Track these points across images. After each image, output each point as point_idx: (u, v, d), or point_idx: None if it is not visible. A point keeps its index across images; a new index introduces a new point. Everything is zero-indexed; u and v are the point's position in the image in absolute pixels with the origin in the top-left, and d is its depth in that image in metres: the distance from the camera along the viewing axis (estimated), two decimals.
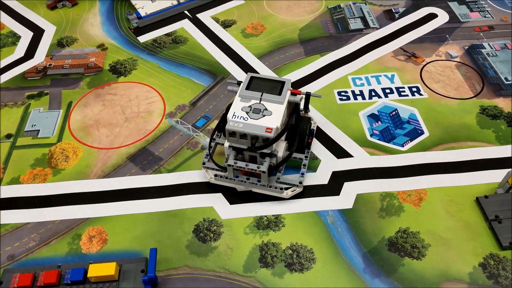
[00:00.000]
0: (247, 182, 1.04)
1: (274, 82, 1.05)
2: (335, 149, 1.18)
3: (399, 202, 1.06)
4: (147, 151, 1.19)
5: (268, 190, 1.05)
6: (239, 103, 1.01)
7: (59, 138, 1.23)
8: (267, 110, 0.99)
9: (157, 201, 1.07)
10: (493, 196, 1.04)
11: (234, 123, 0.97)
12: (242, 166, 1.00)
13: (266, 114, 0.98)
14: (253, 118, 0.98)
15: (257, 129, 0.96)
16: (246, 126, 0.96)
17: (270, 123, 0.97)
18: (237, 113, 0.99)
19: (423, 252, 0.96)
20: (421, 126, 1.23)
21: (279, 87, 1.04)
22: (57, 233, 1.01)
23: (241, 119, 0.97)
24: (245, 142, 0.98)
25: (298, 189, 1.05)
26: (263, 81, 1.06)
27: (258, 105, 1.00)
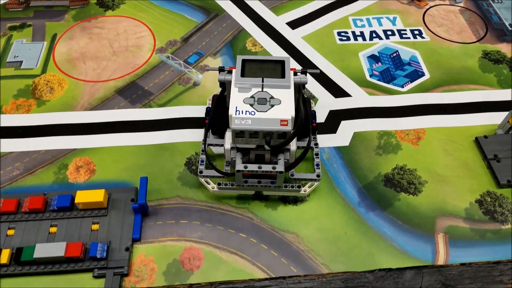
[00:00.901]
0: (259, 185, 0.88)
1: (272, 63, 0.90)
2: (332, 88, 1.15)
3: (397, 141, 1.04)
4: (136, 85, 1.14)
5: (284, 191, 0.90)
6: (239, 95, 0.84)
7: (43, 70, 1.17)
8: (274, 99, 0.83)
9: (148, 134, 1.04)
10: (492, 137, 1.03)
11: (241, 121, 0.80)
12: (254, 169, 0.83)
13: (274, 103, 0.83)
14: (261, 110, 0.81)
15: (270, 123, 0.80)
16: (256, 121, 0.80)
17: (283, 113, 0.81)
18: (240, 108, 0.82)
19: (419, 188, 0.95)
20: (422, 68, 1.20)
21: (280, 68, 0.89)
22: (42, 163, 0.98)
23: (247, 114, 0.81)
24: (255, 141, 0.83)
25: (317, 183, 0.92)
26: (259, 63, 0.90)
27: (261, 93, 0.84)
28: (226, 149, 0.88)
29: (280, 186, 0.88)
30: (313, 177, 0.92)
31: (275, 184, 0.88)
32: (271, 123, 0.80)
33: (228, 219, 0.89)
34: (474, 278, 0.78)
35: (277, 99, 0.84)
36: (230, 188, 0.90)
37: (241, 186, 0.89)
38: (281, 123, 0.80)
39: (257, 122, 0.80)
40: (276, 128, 0.80)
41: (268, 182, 0.88)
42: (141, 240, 0.85)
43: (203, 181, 0.91)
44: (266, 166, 0.84)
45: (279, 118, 0.81)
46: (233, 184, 0.89)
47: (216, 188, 0.90)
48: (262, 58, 0.91)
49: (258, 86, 0.86)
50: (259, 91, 0.85)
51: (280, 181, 0.87)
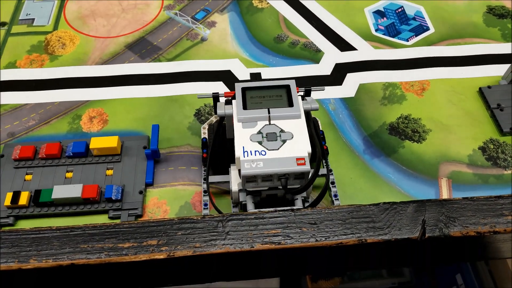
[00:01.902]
0: None
1: (276, 89, 0.74)
2: (338, 42, 1.10)
3: (402, 92, 0.99)
4: (146, 41, 1.09)
5: None
6: (244, 131, 0.68)
7: (55, 27, 1.12)
8: (285, 132, 0.68)
9: (157, 87, 1.00)
10: (496, 87, 0.98)
11: (251, 164, 0.65)
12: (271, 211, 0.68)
13: (285, 138, 0.68)
14: (272, 148, 0.66)
15: (285, 163, 0.65)
16: (269, 163, 0.65)
17: (298, 150, 0.66)
18: (248, 147, 0.66)
19: (423, 136, 0.92)
20: (426, 23, 1.13)
21: (285, 94, 0.73)
22: (56, 114, 0.95)
23: (257, 155, 0.66)
24: (268, 184, 0.68)
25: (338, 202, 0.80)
26: (261, 91, 0.73)
27: (269, 127, 0.69)
28: (234, 191, 0.73)
29: None
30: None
31: None
32: (286, 163, 0.65)
33: None
34: (476, 211, 0.75)
35: (289, 133, 0.68)
36: None
37: None
38: (297, 162, 0.65)
39: (270, 163, 0.65)
40: (293, 169, 0.65)
41: None
42: (153, 185, 0.83)
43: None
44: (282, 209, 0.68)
45: (295, 156, 0.66)
46: None
47: None
48: (263, 85, 0.74)
49: (265, 119, 0.70)
50: (267, 124, 0.69)
51: None
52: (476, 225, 0.67)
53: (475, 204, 0.68)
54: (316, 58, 1.06)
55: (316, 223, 0.66)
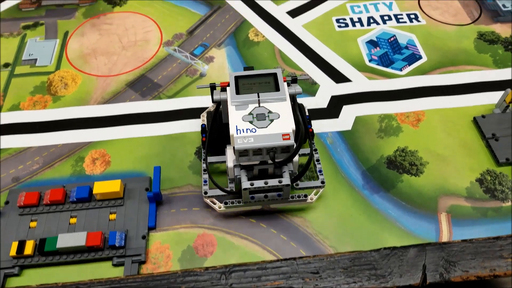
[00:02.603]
0: (266, 200, 0.79)
1: (264, 77, 0.81)
2: (333, 74, 1.07)
3: (398, 123, 0.97)
4: (146, 78, 1.07)
5: (291, 202, 0.81)
6: (237, 113, 0.76)
7: (57, 67, 1.10)
8: (272, 113, 0.75)
9: (159, 125, 0.97)
10: (490, 116, 0.96)
11: (243, 140, 0.72)
12: (260, 185, 0.76)
13: (273, 117, 0.75)
14: (261, 126, 0.73)
15: (273, 138, 0.72)
16: (259, 138, 0.72)
17: (284, 127, 0.73)
18: (241, 126, 0.74)
19: (421, 169, 0.89)
20: (419, 51, 1.11)
21: (273, 80, 0.80)
22: (60, 156, 0.92)
23: (248, 132, 0.73)
24: (259, 157, 0.75)
25: (322, 190, 0.84)
26: (252, 78, 0.81)
27: (259, 109, 0.76)
28: (229, 167, 0.79)
29: (287, 198, 0.80)
30: (318, 184, 0.83)
31: (282, 197, 0.79)
32: (274, 138, 0.72)
33: None
34: (475, 254, 0.73)
35: (276, 113, 0.76)
36: (237, 206, 0.80)
37: (248, 202, 0.80)
38: (283, 137, 0.72)
39: (260, 139, 0.72)
40: (279, 143, 0.72)
41: (274, 195, 0.79)
42: (156, 228, 0.80)
43: (209, 201, 0.81)
44: (272, 180, 0.76)
45: (281, 132, 0.73)
46: (240, 202, 0.80)
47: (223, 207, 0.80)
48: (254, 73, 0.82)
49: (255, 102, 0.77)
50: (256, 106, 0.77)
51: (286, 193, 0.78)
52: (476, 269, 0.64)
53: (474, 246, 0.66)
54: (312, 91, 1.04)
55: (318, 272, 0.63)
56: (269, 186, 0.76)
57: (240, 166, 0.78)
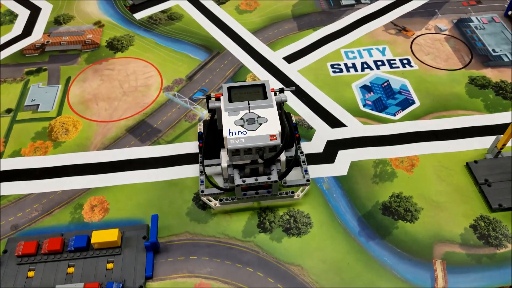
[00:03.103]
0: (257, 196, 0.91)
1: (254, 87, 0.93)
2: (329, 119, 1.13)
3: (392, 169, 1.02)
4: (146, 124, 1.13)
5: (279, 198, 0.93)
6: (229, 118, 0.87)
7: (58, 112, 1.16)
8: (261, 118, 0.87)
9: (157, 171, 1.02)
10: (482, 161, 1.01)
11: (235, 141, 0.84)
12: (251, 182, 0.87)
13: (261, 121, 0.86)
14: (251, 129, 0.85)
15: (261, 139, 0.84)
16: (249, 139, 0.84)
17: (271, 129, 0.85)
18: (233, 129, 0.85)
19: (416, 215, 0.93)
20: (412, 96, 1.18)
21: (261, 90, 0.92)
22: (59, 203, 0.96)
23: (240, 134, 0.85)
24: (249, 157, 0.86)
25: (307, 187, 0.94)
26: (243, 89, 0.93)
27: (249, 114, 0.88)
28: (224, 167, 0.90)
29: (276, 194, 0.92)
30: (303, 182, 0.95)
31: (271, 193, 0.91)
32: (262, 139, 0.84)
33: (235, 253, 0.87)
34: None
35: (264, 118, 0.87)
36: (231, 202, 0.91)
37: (241, 199, 0.91)
38: (270, 138, 0.84)
39: (250, 140, 0.84)
40: (267, 143, 0.84)
41: (264, 192, 0.91)
42: (153, 277, 0.83)
43: (205, 199, 0.92)
44: (261, 178, 0.88)
45: (268, 134, 0.85)
46: (233, 199, 0.91)
47: (218, 204, 0.91)
48: (244, 84, 0.94)
49: (245, 109, 0.89)
50: (247, 112, 0.89)
51: (275, 189, 0.90)
52: None
53: None
54: (308, 136, 1.10)
55: None
56: (259, 183, 0.87)
57: (233, 165, 0.89)
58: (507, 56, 1.29)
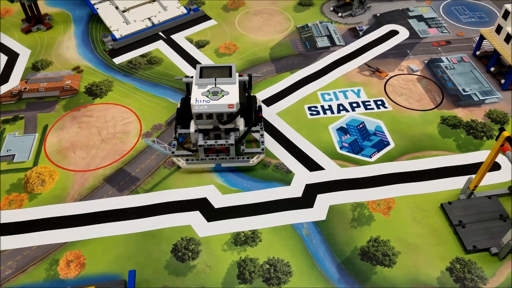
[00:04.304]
0: (217, 158, 1.14)
1: (222, 68, 1.15)
2: (307, 162, 1.19)
3: (369, 212, 1.07)
4: (124, 172, 1.16)
5: (236, 162, 1.15)
6: (198, 90, 1.09)
7: (35, 162, 1.19)
8: (224, 91, 1.09)
9: (135, 222, 1.05)
10: (456, 202, 1.07)
11: (199, 107, 1.06)
12: (212, 143, 1.10)
13: (224, 94, 1.08)
14: (214, 99, 1.07)
15: (221, 107, 1.06)
16: (211, 106, 1.06)
17: (230, 100, 1.07)
18: (199, 98, 1.07)
19: (393, 260, 0.97)
20: (387, 138, 1.25)
21: (228, 71, 1.14)
22: (34, 259, 0.97)
23: (204, 102, 1.06)
24: (211, 122, 1.09)
25: (262, 155, 1.16)
26: (213, 69, 1.15)
27: (214, 88, 1.09)
28: (192, 132, 1.12)
29: (233, 157, 1.13)
30: (259, 151, 1.16)
31: (229, 156, 1.13)
32: (222, 107, 1.06)
33: None
34: None
35: (226, 91, 1.09)
36: (196, 162, 1.15)
37: (204, 160, 1.14)
38: (228, 106, 1.06)
39: (211, 107, 1.06)
40: (225, 110, 1.06)
41: (224, 155, 1.14)
42: None
43: (175, 159, 1.15)
44: (221, 140, 1.11)
45: (227, 103, 1.06)
46: (198, 159, 1.14)
47: (185, 164, 1.14)
48: (215, 65, 1.18)
49: (212, 84, 1.11)
50: (213, 86, 1.10)
51: (232, 152, 1.13)
52: None
53: None
54: (287, 180, 1.14)
55: None
56: (219, 144, 1.10)
57: (199, 130, 1.11)
58: (476, 95, 1.38)
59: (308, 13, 1.73)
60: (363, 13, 1.72)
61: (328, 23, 1.67)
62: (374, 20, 1.69)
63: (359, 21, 1.69)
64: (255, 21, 1.69)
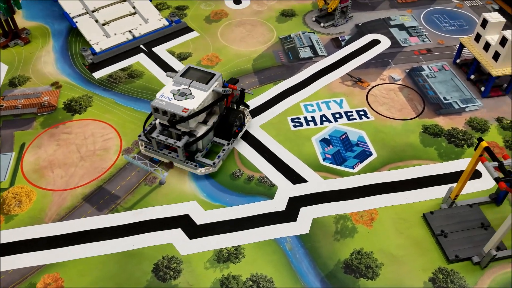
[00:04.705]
0: (169, 155, 1.18)
1: (206, 74, 1.18)
2: (290, 175, 1.20)
3: (353, 224, 1.08)
4: (104, 190, 1.16)
5: (184, 165, 1.17)
6: (171, 86, 1.14)
7: (11, 183, 1.17)
8: (191, 95, 1.11)
9: (115, 241, 1.04)
10: (438, 212, 1.09)
11: (159, 101, 1.10)
12: (162, 139, 1.14)
13: (189, 98, 1.11)
14: (176, 99, 1.10)
15: (176, 108, 1.09)
16: (168, 105, 1.09)
17: (188, 105, 1.09)
18: (165, 94, 1.12)
19: (376, 272, 0.98)
20: (369, 148, 1.27)
21: (209, 78, 1.16)
22: (11, 284, 0.96)
23: (166, 99, 1.10)
24: (166, 119, 1.11)
25: (212, 168, 1.16)
26: (198, 71, 1.18)
27: (185, 90, 1.13)
28: (156, 123, 1.18)
29: (181, 160, 1.16)
30: (210, 163, 1.17)
31: (178, 157, 1.16)
32: (176, 108, 1.09)
33: None
34: None
35: (193, 96, 1.12)
36: (149, 151, 1.20)
37: (157, 152, 1.19)
38: (183, 110, 1.08)
39: (168, 105, 1.09)
40: (178, 112, 1.08)
41: (174, 154, 1.17)
42: None
43: (140, 143, 1.22)
44: (170, 139, 1.14)
45: (184, 106, 1.09)
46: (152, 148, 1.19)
47: (144, 149, 1.21)
48: (202, 69, 1.20)
49: (187, 85, 1.15)
50: (186, 88, 1.13)
51: (180, 155, 1.15)
52: None
53: None
54: (270, 193, 1.15)
55: None
56: (167, 142, 1.13)
57: (161, 124, 1.15)
58: (457, 103, 1.42)
59: (291, 24, 1.76)
60: (345, 23, 1.75)
61: (310, 34, 1.70)
62: (356, 29, 1.72)
63: (341, 31, 1.72)
64: (237, 32, 1.71)
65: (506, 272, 0.98)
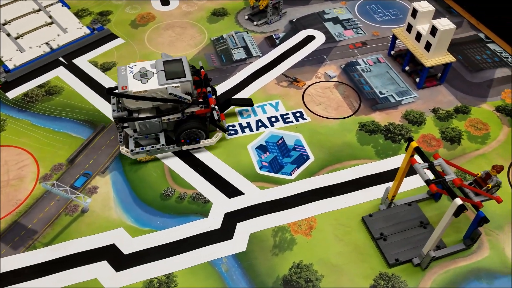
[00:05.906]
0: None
1: (181, 74, 1.13)
2: (226, 188, 1.14)
3: (291, 235, 1.04)
4: (19, 225, 1.05)
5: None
6: (146, 64, 1.15)
7: None
8: (146, 80, 1.11)
9: (34, 282, 0.94)
10: (377, 214, 1.07)
11: (123, 69, 1.13)
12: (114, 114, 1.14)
13: (143, 81, 1.10)
14: (134, 76, 1.11)
15: (122, 81, 1.10)
16: (121, 75, 1.11)
17: (132, 86, 1.09)
18: (135, 68, 1.13)
19: (317, 285, 0.95)
20: (306, 151, 1.24)
21: (175, 77, 1.12)
22: None
23: (128, 71, 1.12)
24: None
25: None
26: (180, 67, 1.15)
27: (150, 74, 1.12)
28: None
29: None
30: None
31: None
32: (122, 81, 1.10)
33: None
34: None
35: (146, 82, 1.10)
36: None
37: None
38: (122, 86, 1.08)
39: (121, 76, 1.11)
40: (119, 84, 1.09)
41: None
42: None
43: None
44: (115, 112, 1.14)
45: (127, 84, 1.09)
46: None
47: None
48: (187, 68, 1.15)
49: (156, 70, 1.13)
50: (152, 72, 1.13)
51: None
52: None
53: None
54: (205, 211, 1.09)
55: None
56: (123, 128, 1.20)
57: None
58: (393, 96, 1.41)
59: (223, 24, 1.69)
60: (279, 20, 1.71)
61: (243, 33, 1.65)
62: (290, 26, 1.69)
63: (275, 28, 1.67)
64: (166, 36, 1.62)
65: (447, 271, 0.98)
